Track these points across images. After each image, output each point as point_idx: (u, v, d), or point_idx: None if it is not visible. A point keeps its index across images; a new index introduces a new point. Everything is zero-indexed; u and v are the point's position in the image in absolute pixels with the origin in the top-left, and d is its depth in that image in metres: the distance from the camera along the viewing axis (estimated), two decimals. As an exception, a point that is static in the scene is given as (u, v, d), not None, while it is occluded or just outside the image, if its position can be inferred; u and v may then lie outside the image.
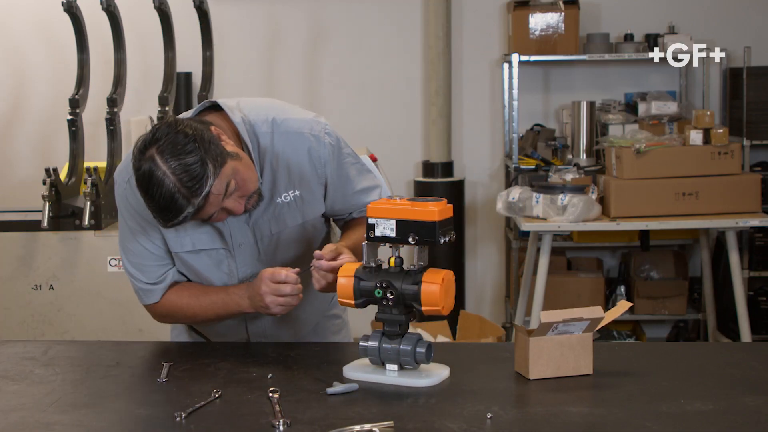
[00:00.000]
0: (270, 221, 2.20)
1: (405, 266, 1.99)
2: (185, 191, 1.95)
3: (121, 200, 2.22)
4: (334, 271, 2.05)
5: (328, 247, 2.10)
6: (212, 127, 2.05)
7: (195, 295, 2.24)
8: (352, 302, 2.00)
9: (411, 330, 2.04)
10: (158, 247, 2.23)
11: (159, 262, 2.24)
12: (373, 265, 2.00)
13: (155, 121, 4.74)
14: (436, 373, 2.00)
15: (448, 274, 1.99)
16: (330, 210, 2.28)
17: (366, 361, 2.04)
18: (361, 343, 2.02)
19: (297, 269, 2.11)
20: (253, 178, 2.09)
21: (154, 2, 4.72)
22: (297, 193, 2.20)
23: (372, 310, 2.02)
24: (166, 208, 1.96)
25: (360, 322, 3.82)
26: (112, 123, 4.52)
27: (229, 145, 2.05)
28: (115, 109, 4.53)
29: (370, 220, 1.96)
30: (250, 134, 2.15)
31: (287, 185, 2.19)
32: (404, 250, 2.02)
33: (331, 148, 2.20)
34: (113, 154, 4.54)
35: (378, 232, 1.96)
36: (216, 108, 2.20)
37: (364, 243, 2.01)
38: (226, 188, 2.01)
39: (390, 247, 2.01)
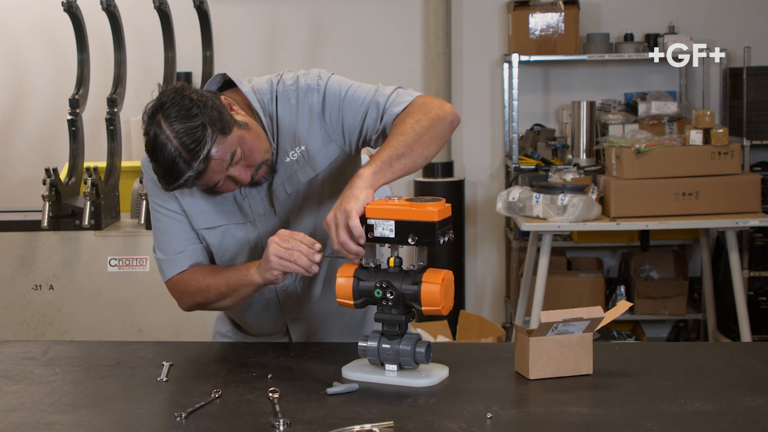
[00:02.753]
0: (284, 183, 2.19)
1: (404, 266, 1.99)
2: (186, 154, 1.96)
3: (149, 182, 2.24)
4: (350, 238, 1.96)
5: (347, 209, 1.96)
6: (222, 97, 2.07)
7: (212, 271, 2.23)
8: (351, 302, 2.00)
9: (410, 330, 2.04)
10: (182, 224, 2.23)
11: (181, 236, 2.24)
12: (372, 265, 2.00)
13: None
14: (436, 373, 2.00)
15: (448, 274, 1.98)
16: (356, 136, 2.19)
17: (365, 361, 2.04)
18: (360, 344, 2.02)
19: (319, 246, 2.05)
20: (261, 149, 2.09)
21: (154, 2, 4.72)
22: (302, 147, 2.19)
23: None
24: (168, 171, 1.98)
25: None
26: (112, 123, 4.52)
27: (240, 115, 2.07)
28: (115, 109, 4.53)
29: (369, 221, 1.96)
30: (261, 103, 2.17)
31: (292, 143, 2.19)
32: (403, 250, 2.02)
33: (321, 91, 2.17)
34: (113, 154, 4.54)
35: (377, 233, 1.96)
36: (229, 85, 2.23)
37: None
38: (232, 156, 2.02)
39: (389, 247, 2.01)
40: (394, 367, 2.00)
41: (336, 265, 2.19)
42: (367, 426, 1.72)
